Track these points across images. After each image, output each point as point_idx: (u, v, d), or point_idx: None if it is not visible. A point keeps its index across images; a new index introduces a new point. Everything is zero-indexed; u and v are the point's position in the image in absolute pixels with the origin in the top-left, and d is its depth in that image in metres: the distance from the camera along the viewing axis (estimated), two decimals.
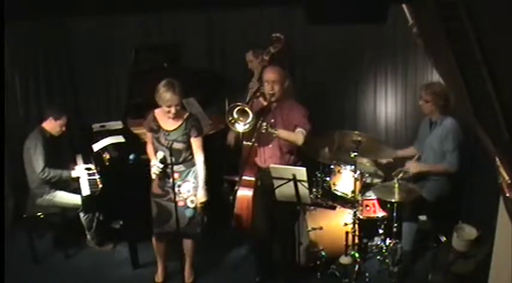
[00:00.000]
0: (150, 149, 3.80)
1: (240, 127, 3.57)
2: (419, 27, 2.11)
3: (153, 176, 3.70)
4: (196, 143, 3.71)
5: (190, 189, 3.73)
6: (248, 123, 3.54)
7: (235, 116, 3.56)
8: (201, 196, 3.72)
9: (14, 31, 4.69)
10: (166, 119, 3.70)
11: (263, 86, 3.69)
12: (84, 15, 3.93)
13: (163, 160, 3.63)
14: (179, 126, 3.70)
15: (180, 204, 3.71)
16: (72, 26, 5.15)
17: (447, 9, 1.28)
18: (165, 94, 3.54)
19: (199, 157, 3.72)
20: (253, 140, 3.64)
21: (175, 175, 3.69)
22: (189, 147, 3.71)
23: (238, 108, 3.55)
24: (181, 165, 3.71)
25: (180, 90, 3.59)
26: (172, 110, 3.59)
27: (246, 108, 3.54)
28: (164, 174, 3.69)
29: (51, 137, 4.38)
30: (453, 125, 3.91)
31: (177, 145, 3.66)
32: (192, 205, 3.74)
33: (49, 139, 4.35)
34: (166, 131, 3.70)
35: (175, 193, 3.55)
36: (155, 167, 3.64)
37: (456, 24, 1.27)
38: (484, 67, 1.29)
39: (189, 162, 3.73)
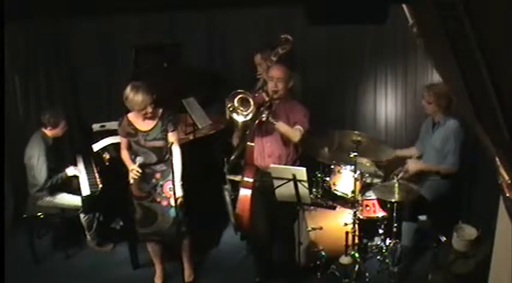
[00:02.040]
0: (125, 155, 3.75)
1: (240, 118, 3.43)
2: (419, 27, 2.10)
3: (131, 181, 3.67)
4: (173, 137, 3.66)
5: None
6: (248, 114, 3.40)
7: (236, 104, 3.42)
8: (178, 192, 3.62)
9: (14, 31, 4.69)
10: (141, 121, 3.67)
11: (267, 83, 3.64)
12: (84, 15, 3.93)
13: (142, 165, 3.61)
14: (156, 124, 3.67)
15: (164, 203, 3.71)
16: (72, 26, 5.15)
17: (447, 9, 1.28)
18: (136, 97, 3.50)
19: (175, 151, 3.65)
20: (254, 127, 3.53)
21: (158, 175, 3.69)
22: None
23: (240, 96, 3.42)
24: (163, 164, 3.69)
25: (148, 89, 3.53)
26: (149, 109, 3.55)
27: (250, 98, 3.41)
28: (144, 176, 3.67)
29: (53, 140, 4.38)
30: (456, 125, 3.91)
31: (157, 144, 3.64)
32: (174, 204, 3.65)
33: (51, 143, 4.35)
34: (144, 132, 3.66)
35: (175, 194, 3.51)
36: (134, 172, 3.60)
37: (456, 24, 1.27)
38: (484, 67, 1.29)
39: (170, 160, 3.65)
